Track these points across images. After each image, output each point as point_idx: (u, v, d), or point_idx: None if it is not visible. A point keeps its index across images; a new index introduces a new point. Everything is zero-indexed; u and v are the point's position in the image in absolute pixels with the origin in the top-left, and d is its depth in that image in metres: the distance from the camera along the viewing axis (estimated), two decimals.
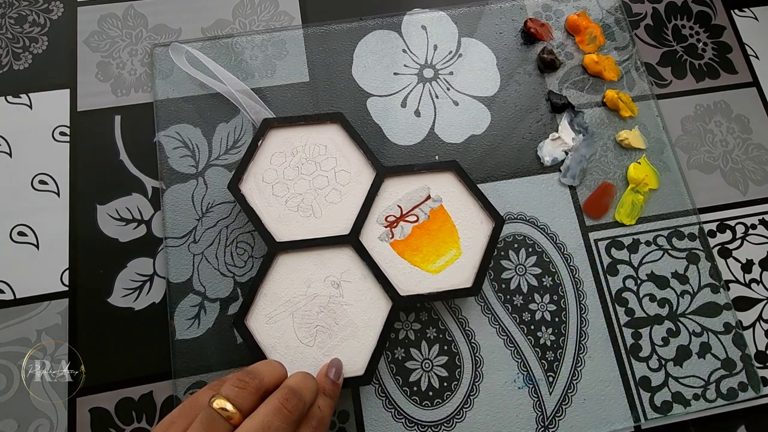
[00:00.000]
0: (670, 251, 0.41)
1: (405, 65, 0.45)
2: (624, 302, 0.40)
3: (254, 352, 0.35)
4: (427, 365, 0.38)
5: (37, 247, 0.40)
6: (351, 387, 0.37)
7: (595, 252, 0.41)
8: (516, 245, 0.41)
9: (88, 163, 0.42)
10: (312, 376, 0.31)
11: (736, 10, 0.49)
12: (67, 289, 0.39)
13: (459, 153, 0.43)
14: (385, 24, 0.46)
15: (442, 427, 0.37)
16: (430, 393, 0.37)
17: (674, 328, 0.39)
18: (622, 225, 0.42)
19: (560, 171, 0.43)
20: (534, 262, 0.40)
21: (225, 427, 0.26)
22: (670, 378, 0.38)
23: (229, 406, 0.27)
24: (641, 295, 0.40)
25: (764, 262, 0.42)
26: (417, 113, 0.44)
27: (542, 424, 0.37)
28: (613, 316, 0.40)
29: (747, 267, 0.42)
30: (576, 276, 0.40)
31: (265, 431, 0.26)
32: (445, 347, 0.38)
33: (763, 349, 0.40)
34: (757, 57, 0.48)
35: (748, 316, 0.41)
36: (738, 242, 0.43)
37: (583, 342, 0.39)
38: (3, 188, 0.41)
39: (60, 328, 0.38)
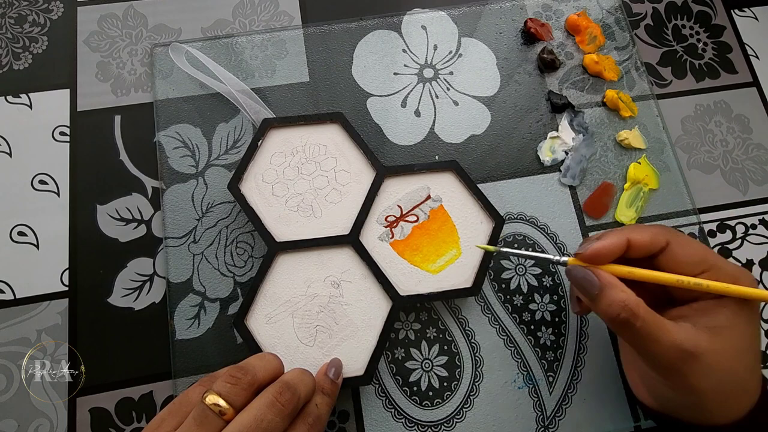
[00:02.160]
0: None
1: (405, 65, 0.45)
2: None
3: (254, 353, 0.35)
4: (427, 365, 0.38)
5: (37, 247, 0.40)
6: (351, 387, 0.37)
7: None
8: (516, 245, 0.41)
9: (88, 163, 0.42)
10: (309, 372, 0.31)
11: (736, 10, 0.49)
12: (67, 289, 0.39)
13: (459, 153, 0.43)
14: (385, 24, 0.46)
15: (442, 427, 0.37)
16: (430, 393, 0.37)
17: None
18: (622, 225, 0.42)
19: (560, 171, 0.43)
20: (534, 262, 0.40)
21: (218, 423, 0.26)
22: None
23: (221, 402, 0.27)
24: None
25: (764, 262, 0.42)
26: (417, 113, 0.44)
27: (542, 424, 0.37)
28: None
29: (747, 267, 0.42)
30: None
31: (258, 424, 0.26)
32: (445, 347, 0.38)
33: (764, 349, 0.40)
34: (757, 57, 0.48)
35: None
36: (738, 242, 0.43)
37: (583, 342, 0.39)
38: (3, 188, 0.41)
39: (60, 328, 0.38)
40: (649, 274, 0.30)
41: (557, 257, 0.32)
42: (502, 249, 0.35)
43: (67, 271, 0.39)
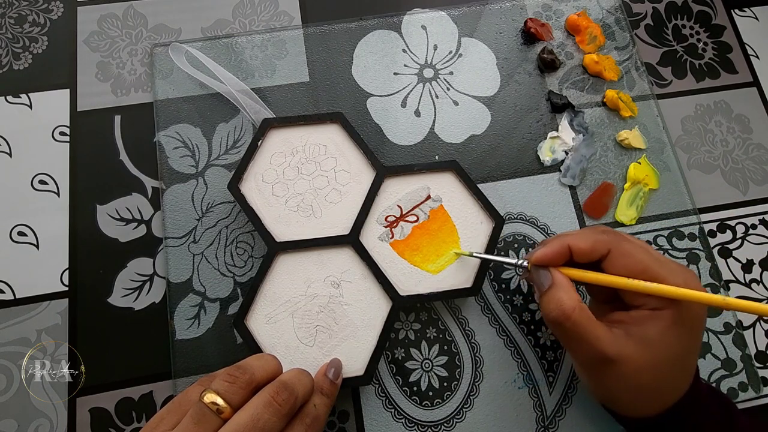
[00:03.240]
0: (670, 251, 0.41)
1: (405, 65, 0.45)
2: None
3: (254, 353, 0.35)
4: (427, 365, 0.38)
5: (37, 247, 0.40)
6: (351, 387, 0.37)
7: None
8: (516, 245, 0.41)
9: (88, 163, 0.42)
10: (307, 372, 0.31)
11: (737, 10, 0.49)
12: (67, 289, 0.39)
13: (459, 153, 0.43)
14: (385, 24, 0.46)
15: (442, 427, 0.37)
16: (430, 393, 0.37)
17: None
18: (622, 225, 0.42)
19: (560, 171, 0.43)
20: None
21: (215, 422, 0.26)
22: None
23: (219, 401, 0.27)
24: None
25: (764, 262, 0.42)
26: (417, 113, 0.44)
27: (542, 424, 0.37)
28: None
29: (747, 267, 0.42)
30: None
31: (255, 423, 0.26)
32: (445, 347, 0.38)
33: (763, 349, 0.40)
34: (757, 57, 0.48)
35: (748, 316, 0.41)
36: (738, 242, 0.43)
37: None
38: (3, 188, 0.41)
39: (60, 328, 0.38)
40: (596, 277, 0.32)
41: (519, 261, 0.34)
42: (474, 254, 0.36)
43: (67, 271, 0.39)
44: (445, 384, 0.37)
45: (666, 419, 0.31)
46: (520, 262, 0.34)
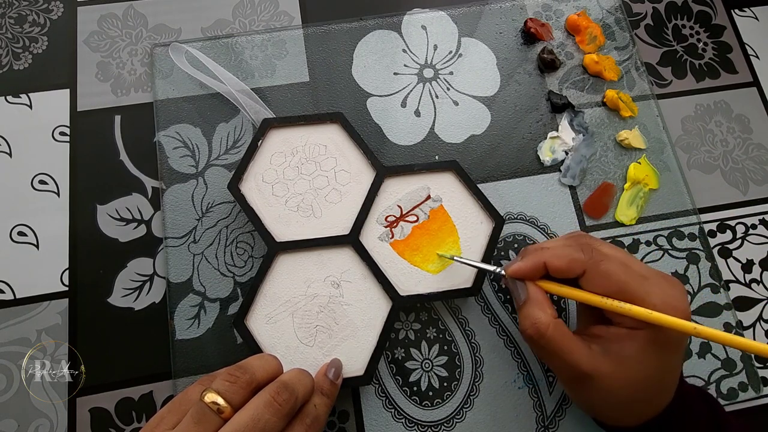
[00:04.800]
0: (670, 251, 0.41)
1: (405, 65, 0.45)
2: None
3: (254, 353, 0.35)
4: (427, 365, 0.38)
5: (37, 247, 0.40)
6: (351, 387, 0.37)
7: None
8: (516, 245, 0.41)
9: (88, 163, 0.42)
10: (308, 372, 0.31)
11: (737, 10, 0.49)
12: (67, 289, 0.39)
13: (459, 153, 0.43)
14: (385, 24, 0.46)
15: (442, 427, 0.37)
16: (430, 393, 0.37)
17: None
18: (622, 225, 0.42)
19: (560, 171, 0.43)
20: None
21: (216, 421, 0.26)
22: None
23: (219, 400, 0.27)
24: None
25: (764, 262, 0.42)
26: (417, 113, 0.44)
27: (542, 424, 0.37)
28: None
29: (747, 267, 0.42)
30: None
31: (255, 423, 0.26)
32: (445, 347, 0.38)
33: None
34: (757, 57, 0.48)
35: (748, 316, 0.41)
36: (738, 242, 0.43)
37: None
38: (3, 188, 0.41)
39: (60, 328, 0.38)
40: (571, 292, 0.32)
41: (497, 269, 0.34)
42: (455, 258, 0.36)
43: (67, 271, 0.39)
44: (445, 384, 0.37)
45: (649, 428, 0.31)
46: (498, 270, 0.34)
